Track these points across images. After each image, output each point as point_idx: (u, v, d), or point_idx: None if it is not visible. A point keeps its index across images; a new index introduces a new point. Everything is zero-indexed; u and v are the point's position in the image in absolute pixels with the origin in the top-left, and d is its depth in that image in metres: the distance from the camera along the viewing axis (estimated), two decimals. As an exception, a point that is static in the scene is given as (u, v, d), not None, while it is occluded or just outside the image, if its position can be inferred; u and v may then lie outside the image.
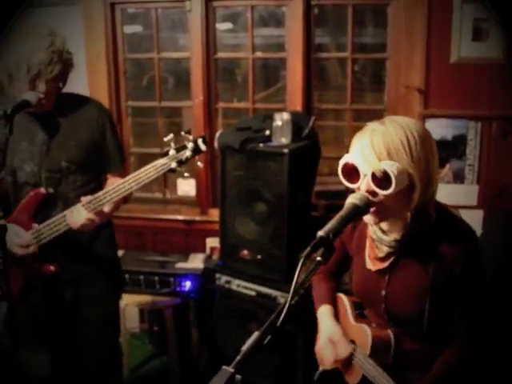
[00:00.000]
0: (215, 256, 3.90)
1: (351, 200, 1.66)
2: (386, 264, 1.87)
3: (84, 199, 2.45)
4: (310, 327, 2.30)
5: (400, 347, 1.90)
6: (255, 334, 1.28)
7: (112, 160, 2.72)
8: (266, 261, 3.27)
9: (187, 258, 3.88)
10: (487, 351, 1.89)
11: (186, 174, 2.57)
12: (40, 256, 2.55)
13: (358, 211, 1.65)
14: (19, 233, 2.49)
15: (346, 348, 1.98)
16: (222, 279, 3.44)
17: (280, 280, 3.20)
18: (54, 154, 2.57)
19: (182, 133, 2.56)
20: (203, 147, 2.53)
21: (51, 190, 2.58)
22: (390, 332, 1.91)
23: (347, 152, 1.78)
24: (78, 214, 2.43)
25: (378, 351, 1.90)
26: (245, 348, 1.25)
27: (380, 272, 1.89)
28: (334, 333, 2.03)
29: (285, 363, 3.25)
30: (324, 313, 2.11)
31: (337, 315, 2.12)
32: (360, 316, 2.08)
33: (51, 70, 2.39)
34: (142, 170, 2.49)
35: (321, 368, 2.15)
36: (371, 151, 1.67)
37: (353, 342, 2.00)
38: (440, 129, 3.61)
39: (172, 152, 2.49)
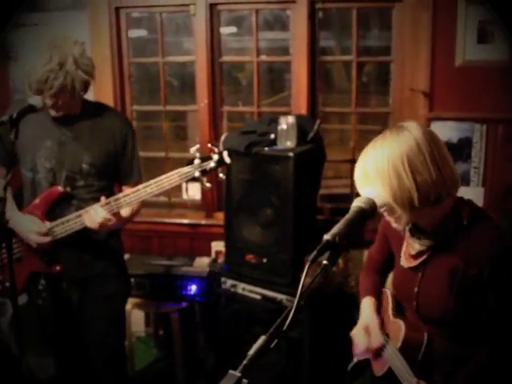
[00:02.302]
0: (221, 260, 3.89)
1: (357, 203, 1.67)
2: (418, 261, 1.92)
3: (103, 200, 2.53)
4: (316, 331, 2.31)
5: (431, 347, 1.93)
6: (262, 338, 1.28)
7: (130, 172, 2.79)
8: (271, 264, 3.26)
9: (193, 262, 3.88)
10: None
11: (207, 184, 2.63)
12: (46, 253, 2.63)
13: (364, 214, 1.65)
14: (36, 221, 2.58)
15: (379, 339, 2.07)
16: (228, 283, 3.44)
17: (286, 284, 3.20)
18: (77, 156, 2.64)
19: (209, 145, 2.69)
20: (228, 160, 2.61)
21: (68, 189, 2.64)
22: (424, 333, 1.95)
23: (352, 155, 1.83)
24: (96, 214, 2.49)
25: (408, 348, 1.95)
26: (251, 352, 1.25)
27: (413, 269, 1.95)
28: (371, 323, 2.12)
29: (290, 367, 3.24)
30: (366, 304, 2.21)
31: (379, 309, 2.20)
32: (398, 311, 2.13)
33: (50, 87, 2.42)
34: (165, 175, 2.55)
35: (355, 359, 2.23)
36: (360, 174, 1.79)
37: (387, 335, 2.07)
38: (445, 131, 3.60)
39: (197, 161, 2.56)
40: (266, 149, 3.24)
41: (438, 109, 3.64)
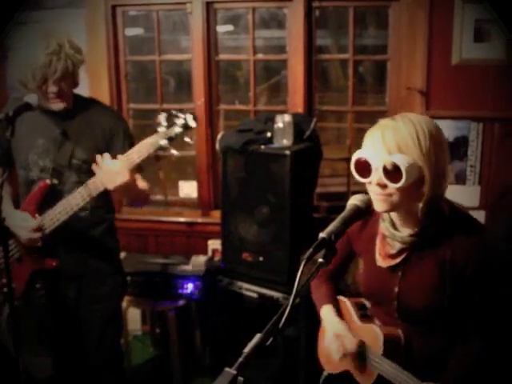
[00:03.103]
0: (217, 258, 3.90)
1: (353, 201, 1.67)
2: (398, 260, 1.89)
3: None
4: (313, 329, 2.30)
5: (410, 344, 1.92)
6: (257, 336, 1.28)
7: None
8: (268, 263, 3.27)
9: (189, 260, 3.88)
10: (501, 348, 1.90)
11: (174, 152, 2.46)
12: (42, 251, 2.61)
13: (360, 213, 1.66)
14: (27, 217, 2.55)
15: (354, 341, 2.00)
16: (224, 281, 3.44)
17: (282, 282, 3.20)
18: (66, 150, 2.63)
19: (173, 111, 2.48)
20: (193, 123, 2.44)
21: (55, 181, 2.62)
22: (398, 330, 1.93)
23: (348, 154, 1.80)
24: (113, 166, 2.40)
25: (390, 349, 1.91)
26: (247, 350, 1.25)
27: (392, 269, 1.91)
28: (340, 328, 2.06)
29: (287, 365, 3.24)
30: (327, 312, 2.14)
31: (340, 317, 2.13)
32: (364, 316, 2.09)
33: (54, 71, 2.42)
34: (132, 149, 2.44)
35: (326, 372, 2.17)
36: (382, 145, 1.70)
37: (362, 342, 2.00)
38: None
39: (161, 129, 2.42)
40: (263, 147, 3.24)
41: (434, 107, 3.64)
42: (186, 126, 2.42)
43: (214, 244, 3.95)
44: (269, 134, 3.30)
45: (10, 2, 3.75)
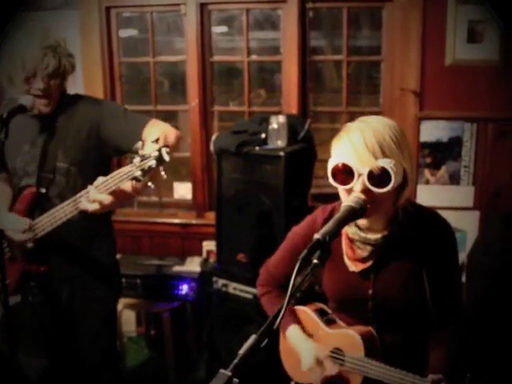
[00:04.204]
0: (212, 259, 3.90)
1: (347, 202, 1.67)
2: (369, 263, 1.88)
3: (100, 179, 2.35)
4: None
5: (383, 341, 1.92)
6: (252, 338, 1.28)
7: (129, 140, 2.49)
8: (262, 264, 3.26)
9: (184, 262, 3.88)
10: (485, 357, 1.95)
11: (150, 185, 2.34)
12: (34, 253, 2.57)
13: (355, 213, 1.66)
14: (18, 219, 2.49)
15: (334, 364, 1.94)
16: (219, 282, 3.44)
17: (277, 283, 3.20)
18: (50, 155, 2.56)
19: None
20: (166, 158, 2.29)
21: (43, 190, 2.56)
22: (371, 328, 1.93)
23: None
24: (91, 195, 2.33)
25: (370, 349, 1.90)
26: (242, 351, 1.25)
27: (364, 272, 1.90)
28: (319, 353, 1.97)
29: (281, 367, 3.24)
30: (295, 333, 2.05)
31: (304, 329, 2.06)
32: (329, 322, 2.04)
33: (46, 66, 2.37)
34: (110, 176, 2.33)
35: (293, 383, 2.14)
36: (365, 150, 1.68)
37: (338, 349, 1.96)
38: (435, 131, 3.61)
39: (137, 159, 2.27)
40: (257, 148, 3.24)
41: (428, 108, 3.65)
42: (159, 160, 2.28)
43: (209, 245, 3.95)
44: (263, 136, 3.30)
45: (7, 4, 3.74)
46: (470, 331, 2.82)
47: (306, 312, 2.11)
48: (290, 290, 1.34)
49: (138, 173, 2.27)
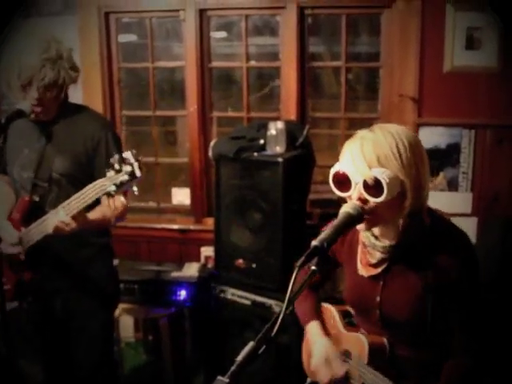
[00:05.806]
0: (210, 265, 3.90)
1: (345, 209, 1.66)
2: (379, 270, 1.86)
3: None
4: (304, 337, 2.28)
5: (394, 354, 1.89)
6: (250, 344, 1.28)
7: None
8: (260, 270, 3.27)
9: (182, 267, 3.87)
10: (487, 360, 1.89)
11: (122, 200, 2.34)
12: (25, 262, 2.54)
13: (352, 220, 1.65)
14: (11, 231, 2.48)
15: (343, 366, 1.94)
16: (217, 288, 3.44)
17: (275, 289, 3.20)
18: (46, 164, 2.55)
19: (128, 152, 2.23)
20: (138, 173, 2.22)
21: (37, 199, 2.55)
22: (383, 339, 1.90)
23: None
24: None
25: (375, 358, 1.88)
26: (239, 358, 1.25)
27: (373, 278, 1.88)
28: (328, 352, 1.98)
29: (279, 373, 3.24)
30: (314, 330, 2.07)
31: (324, 327, 2.08)
32: (350, 324, 2.06)
33: (42, 77, 2.35)
34: (86, 188, 2.28)
35: (309, 380, 2.13)
36: (362, 159, 1.66)
37: (347, 351, 1.97)
38: (434, 137, 3.62)
39: (111, 173, 2.20)
40: (256, 154, 3.24)
41: (426, 114, 3.66)
42: (132, 175, 2.22)
43: (207, 251, 3.95)
44: (262, 141, 3.31)
45: (6, 9, 3.75)
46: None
47: (330, 311, 2.12)
48: (287, 296, 1.34)
49: (112, 187, 2.21)
